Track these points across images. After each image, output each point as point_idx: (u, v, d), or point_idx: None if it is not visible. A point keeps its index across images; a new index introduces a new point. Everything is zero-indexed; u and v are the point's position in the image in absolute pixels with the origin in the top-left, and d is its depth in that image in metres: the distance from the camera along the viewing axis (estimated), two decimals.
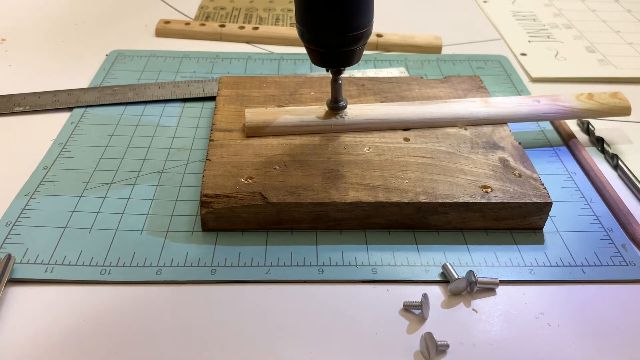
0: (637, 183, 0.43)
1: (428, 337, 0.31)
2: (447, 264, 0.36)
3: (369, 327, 0.33)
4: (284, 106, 0.46)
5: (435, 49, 0.63)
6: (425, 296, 0.33)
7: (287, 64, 0.59)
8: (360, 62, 0.60)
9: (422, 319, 0.33)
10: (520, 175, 0.40)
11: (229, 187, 0.37)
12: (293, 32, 0.65)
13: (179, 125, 0.49)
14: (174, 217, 0.39)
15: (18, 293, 0.34)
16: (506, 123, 0.45)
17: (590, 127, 0.50)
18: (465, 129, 0.44)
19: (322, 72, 0.56)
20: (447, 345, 0.31)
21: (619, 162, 0.45)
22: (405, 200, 0.37)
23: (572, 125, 0.51)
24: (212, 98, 0.52)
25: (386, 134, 0.43)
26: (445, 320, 0.33)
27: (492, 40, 0.67)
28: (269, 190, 0.37)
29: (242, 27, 0.65)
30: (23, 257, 0.35)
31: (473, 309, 0.34)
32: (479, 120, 0.45)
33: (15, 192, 0.41)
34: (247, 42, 0.64)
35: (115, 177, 0.42)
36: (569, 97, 0.47)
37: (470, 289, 0.35)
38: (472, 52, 0.63)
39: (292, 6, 0.74)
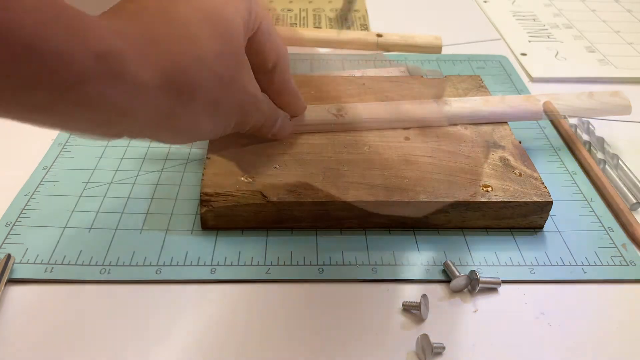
0: (637, 183, 0.43)
1: (423, 339, 0.31)
2: (448, 261, 0.36)
3: (369, 327, 0.33)
4: None
5: (435, 49, 0.63)
6: (424, 297, 0.33)
7: None
8: (360, 61, 0.60)
9: (421, 319, 0.33)
10: (520, 175, 0.40)
11: (229, 185, 0.37)
12: (293, 32, 0.64)
13: None
14: (174, 216, 0.39)
15: (18, 293, 0.33)
16: (507, 122, 0.45)
17: (590, 126, 0.50)
18: (466, 128, 0.44)
19: (322, 72, 0.56)
20: (443, 347, 0.31)
21: (619, 161, 0.45)
22: (406, 200, 0.37)
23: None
24: None
25: (386, 132, 0.43)
26: (445, 319, 0.33)
27: (492, 40, 0.67)
28: (269, 189, 0.37)
29: None
30: (23, 257, 0.35)
31: (473, 309, 0.34)
32: (480, 119, 0.45)
33: (15, 192, 0.40)
34: None
35: (115, 177, 0.42)
36: (569, 96, 0.47)
37: (472, 288, 0.35)
38: (472, 52, 0.63)
39: (292, 6, 0.73)
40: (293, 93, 0.39)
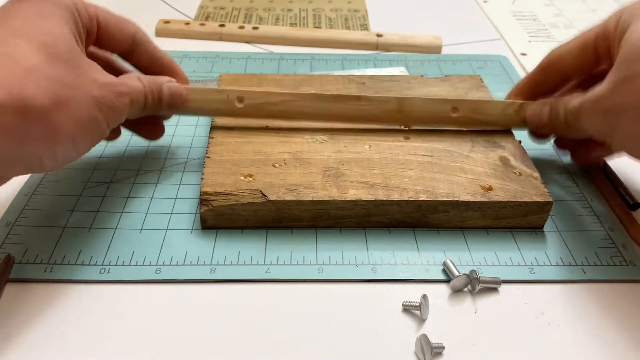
0: (621, 190, 0.42)
1: (423, 339, 0.31)
2: (448, 260, 0.36)
3: (369, 327, 0.32)
4: None
5: (435, 49, 0.63)
6: (424, 297, 0.33)
7: (287, 63, 0.59)
8: (360, 61, 0.60)
9: (421, 319, 0.33)
10: (520, 174, 0.40)
11: (229, 184, 0.37)
12: (293, 32, 0.65)
13: (178, 123, 0.48)
14: (173, 215, 0.39)
15: (17, 293, 0.33)
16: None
17: None
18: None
19: (322, 72, 0.56)
20: (443, 347, 0.31)
21: (606, 165, 0.44)
22: (406, 199, 0.37)
23: None
24: None
25: (387, 131, 0.43)
26: (445, 319, 0.33)
27: (492, 40, 0.67)
28: (268, 188, 0.37)
29: (242, 27, 0.65)
30: (23, 257, 0.35)
31: (473, 309, 0.34)
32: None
33: (15, 192, 0.40)
34: (247, 42, 0.64)
35: (115, 176, 0.42)
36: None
37: (472, 287, 0.35)
38: (472, 52, 0.63)
39: (292, 6, 0.73)
40: (165, 59, 0.41)
